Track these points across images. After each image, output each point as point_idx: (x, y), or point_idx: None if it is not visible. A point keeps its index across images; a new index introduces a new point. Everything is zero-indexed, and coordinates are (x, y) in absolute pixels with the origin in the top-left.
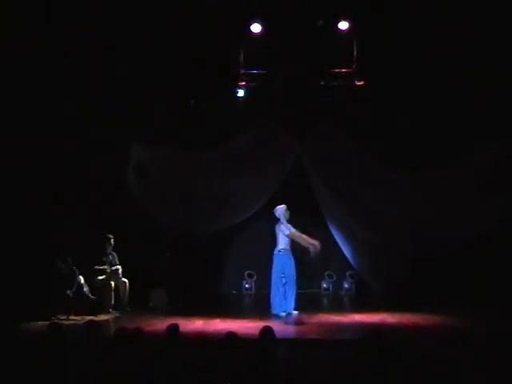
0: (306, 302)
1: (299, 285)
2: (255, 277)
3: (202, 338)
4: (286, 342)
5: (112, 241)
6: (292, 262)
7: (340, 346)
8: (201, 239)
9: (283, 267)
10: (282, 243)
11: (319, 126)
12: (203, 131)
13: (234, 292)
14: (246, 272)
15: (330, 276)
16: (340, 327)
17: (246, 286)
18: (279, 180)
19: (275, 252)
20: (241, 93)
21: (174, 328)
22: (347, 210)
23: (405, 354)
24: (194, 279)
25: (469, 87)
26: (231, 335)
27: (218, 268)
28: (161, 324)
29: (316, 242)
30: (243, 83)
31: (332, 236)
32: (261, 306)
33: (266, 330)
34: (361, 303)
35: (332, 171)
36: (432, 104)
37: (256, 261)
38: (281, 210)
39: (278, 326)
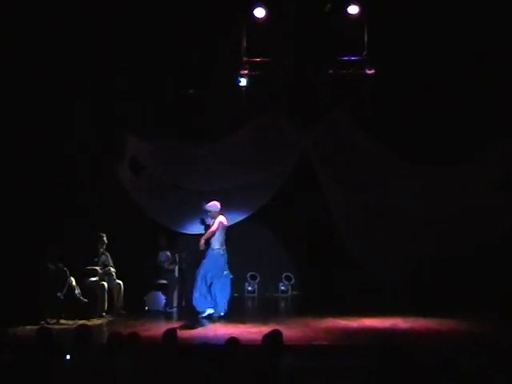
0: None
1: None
2: (258, 279)
3: (202, 344)
4: (293, 348)
5: (105, 240)
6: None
7: (350, 352)
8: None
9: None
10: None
11: (327, 117)
12: (203, 123)
13: (236, 295)
14: (249, 274)
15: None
16: (349, 332)
17: (249, 288)
18: (284, 176)
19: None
20: (243, 82)
21: (172, 333)
22: (358, 207)
23: (418, 361)
24: (192, 281)
25: (488, 76)
26: (233, 341)
27: None
28: (158, 328)
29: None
30: (246, 72)
31: None
32: (264, 310)
33: (272, 336)
34: (372, 305)
35: (341, 165)
36: (450, 95)
37: (259, 262)
38: (216, 206)
39: (286, 331)
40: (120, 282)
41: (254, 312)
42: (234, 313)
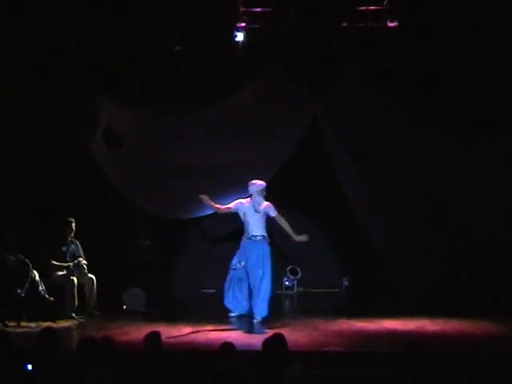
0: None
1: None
2: None
3: (191, 350)
4: (299, 355)
5: (74, 226)
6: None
7: (367, 360)
8: (188, 226)
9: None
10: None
11: (341, 79)
12: (192, 86)
13: None
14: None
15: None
16: (366, 337)
17: None
18: (289, 149)
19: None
20: (240, 36)
21: (155, 337)
22: (377, 186)
23: (449, 371)
24: (179, 275)
25: None
26: (227, 346)
27: (210, 262)
28: (138, 332)
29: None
30: (243, 24)
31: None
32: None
33: (274, 341)
34: (392, 306)
35: (357, 136)
36: (488, 53)
37: None
38: (259, 186)
39: (291, 335)
40: (92, 276)
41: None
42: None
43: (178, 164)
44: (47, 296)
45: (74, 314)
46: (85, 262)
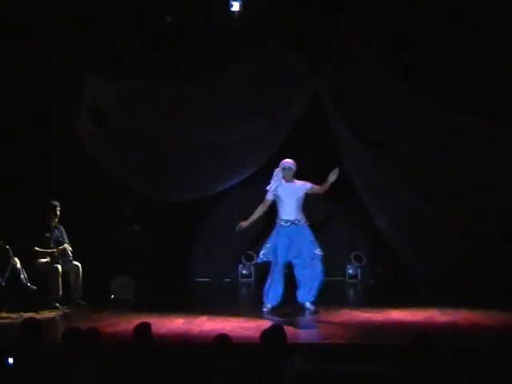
0: (327, 293)
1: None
2: (255, 260)
3: (184, 343)
4: (300, 348)
5: (58, 210)
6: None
7: (374, 353)
8: (181, 209)
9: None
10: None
11: (345, 50)
12: (184, 59)
13: (227, 280)
14: (243, 253)
15: (357, 259)
16: (372, 328)
17: (243, 271)
18: (289, 126)
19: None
20: (236, 6)
21: (145, 328)
22: (385, 168)
23: (459, 365)
24: (171, 263)
25: None
26: (223, 339)
27: (205, 248)
28: (127, 323)
29: None
30: None
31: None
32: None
33: (273, 332)
34: (400, 295)
35: (363, 115)
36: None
37: (256, 238)
38: (281, 165)
39: (290, 327)
40: (78, 264)
41: (249, 302)
42: (225, 303)
43: (169, 143)
44: (29, 285)
45: (58, 304)
46: (70, 248)
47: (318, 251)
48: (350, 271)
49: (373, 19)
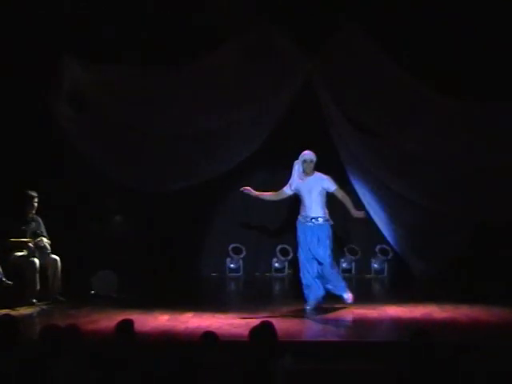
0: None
1: None
2: (244, 253)
3: (168, 341)
4: (291, 346)
5: (36, 201)
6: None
7: (368, 351)
8: (166, 199)
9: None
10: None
11: (339, 36)
12: (169, 40)
13: (214, 274)
14: (231, 246)
15: (352, 252)
16: (368, 325)
17: (231, 265)
18: (279, 113)
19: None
20: None
21: (127, 325)
22: (380, 156)
23: (459, 363)
24: (155, 256)
25: None
26: (209, 336)
27: (191, 241)
28: (108, 320)
29: None
30: None
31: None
32: (253, 295)
33: (262, 329)
34: (397, 291)
35: (358, 101)
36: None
37: (245, 231)
38: (301, 157)
39: (281, 323)
40: (57, 257)
41: (238, 298)
42: (212, 298)
43: (155, 131)
44: (5, 279)
45: (35, 300)
46: (48, 241)
47: (328, 256)
48: (344, 265)
49: (366, 2)
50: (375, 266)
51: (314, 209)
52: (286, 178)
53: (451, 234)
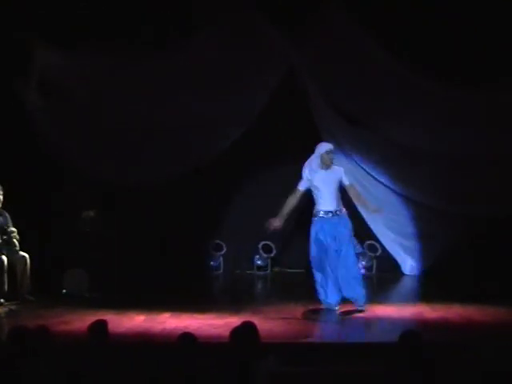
0: (304, 286)
1: None
2: (224, 249)
3: (144, 342)
4: (274, 348)
5: (1, 195)
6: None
7: (354, 353)
8: (141, 194)
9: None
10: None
11: (326, 23)
12: (143, 26)
13: (193, 272)
14: (212, 242)
15: None
16: (355, 326)
17: (211, 263)
18: (262, 103)
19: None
20: None
21: (101, 327)
22: (368, 147)
23: (451, 365)
24: (130, 254)
25: None
26: (187, 337)
27: (169, 238)
28: (80, 321)
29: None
30: None
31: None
32: (234, 294)
33: (243, 329)
34: (385, 289)
35: (345, 91)
36: None
37: (226, 226)
38: (321, 148)
39: (263, 324)
40: (25, 254)
41: (218, 297)
42: (191, 298)
43: (130, 122)
44: None
45: (2, 300)
46: (16, 236)
47: (359, 247)
48: (259, 262)
49: None
50: (363, 262)
51: (336, 202)
52: (267, 169)
53: (442, 230)
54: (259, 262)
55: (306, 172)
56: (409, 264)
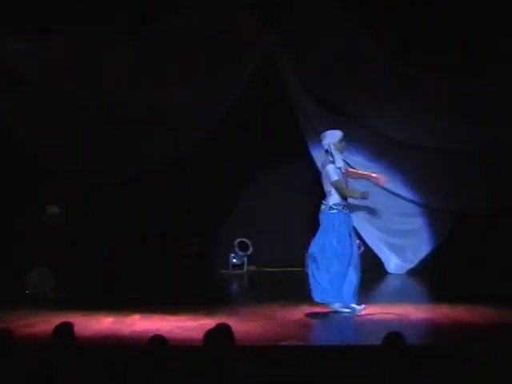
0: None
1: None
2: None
3: (112, 345)
4: (251, 351)
5: None
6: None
7: (337, 356)
8: (113, 188)
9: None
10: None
11: (306, 7)
12: (116, 9)
13: (165, 272)
14: (187, 238)
15: None
16: (336, 328)
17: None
18: (237, 91)
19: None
20: None
21: (66, 329)
22: (354, 140)
23: (437, 369)
24: (99, 252)
25: None
26: (158, 340)
27: (138, 234)
28: (45, 323)
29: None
30: None
31: None
32: (208, 294)
33: (218, 332)
34: (371, 288)
35: (327, 76)
36: None
37: (200, 222)
38: (333, 136)
39: (239, 326)
40: None
41: (191, 297)
42: (162, 298)
43: (93, 110)
44: None
45: None
46: None
47: (361, 248)
48: (235, 260)
49: None
50: (234, 260)
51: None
52: (242, 159)
53: (428, 226)
54: (235, 260)
55: (336, 161)
56: (393, 262)
